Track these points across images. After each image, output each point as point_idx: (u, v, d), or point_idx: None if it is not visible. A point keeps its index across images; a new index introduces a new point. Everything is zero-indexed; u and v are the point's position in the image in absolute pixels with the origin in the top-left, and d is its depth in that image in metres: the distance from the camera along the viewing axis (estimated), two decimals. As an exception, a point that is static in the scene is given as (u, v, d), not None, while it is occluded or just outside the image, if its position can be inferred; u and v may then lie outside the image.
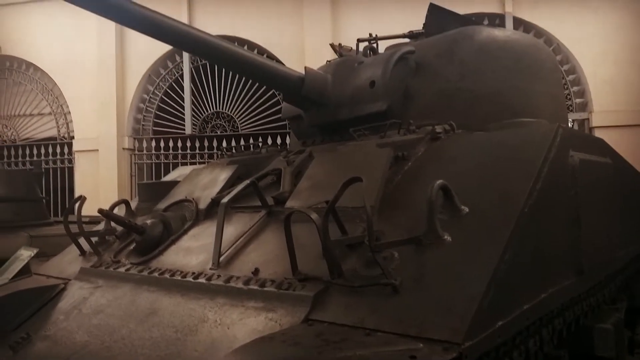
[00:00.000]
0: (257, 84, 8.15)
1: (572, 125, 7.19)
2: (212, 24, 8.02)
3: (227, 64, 2.67)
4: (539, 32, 7.39)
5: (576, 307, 2.08)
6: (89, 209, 3.04)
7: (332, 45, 3.70)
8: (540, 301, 1.63)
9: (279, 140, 7.97)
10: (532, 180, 1.65)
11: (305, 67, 2.79)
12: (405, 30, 3.65)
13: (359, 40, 3.50)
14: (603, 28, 7.28)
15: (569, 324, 2.06)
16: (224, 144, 8.14)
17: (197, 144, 8.62)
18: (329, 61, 3.21)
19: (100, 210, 2.46)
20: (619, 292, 2.85)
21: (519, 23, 7.51)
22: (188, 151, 8.61)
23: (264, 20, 8.18)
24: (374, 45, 3.27)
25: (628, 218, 2.64)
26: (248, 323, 1.60)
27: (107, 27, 8.52)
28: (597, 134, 6.99)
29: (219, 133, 8.63)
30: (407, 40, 3.48)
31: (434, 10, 3.36)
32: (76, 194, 8.61)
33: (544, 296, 1.65)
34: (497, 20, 7.48)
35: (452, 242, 1.55)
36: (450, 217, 1.65)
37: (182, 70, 8.73)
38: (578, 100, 7.51)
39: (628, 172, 2.87)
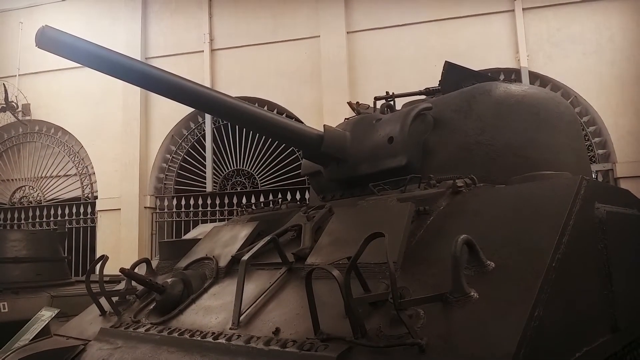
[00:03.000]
0: (276, 142, 8.32)
1: (596, 177, 7.10)
2: (234, 86, 8.32)
3: (247, 124, 2.73)
4: (556, 86, 7.46)
5: (614, 366, 1.97)
6: (110, 268, 3.05)
7: (349, 104, 3.79)
8: (576, 361, 1.55)
9: (298, 196, 8.02)
10: (558, 233, 1.61)
11: (324, 126, 2.84)
12: (421, 86, 3.73)
13: (376, 98, 3.58)
14: (621, 79, 7.33)
15: (608, 385, 1.95)
16: (244, 200, 8.21)
17: (218, 201, 8.71)
18: (347, 119, 3.27)
19: (122, 270, 2.47)
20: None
21: (535, 77, 7.61)
22: (209, 208, 8.69)
23: (283, 81, 8.46)
24: (391, 102, 3.33)
25: (661, 271, 2.54)
26: (269, 386, 1.55)
27: (132, 91, 8.91)
28: (623, 184, 6.87)
29: (239, 190, 8.73)
30: (423, 97, 3.55)
31: (450, 67, 3.43)
32: (98, 253, 8.68)
33: (578, 355, 1.57)
34: (513, 75, 7.60)
35: (480, 299, 1.50)
36: (476, 272, 1.61)
37: (204, 130, 8.98)
38: (600, 152, 7.45)
39: (657, 223, 2.78)
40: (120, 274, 2.56)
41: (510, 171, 2.39)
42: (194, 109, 8.70)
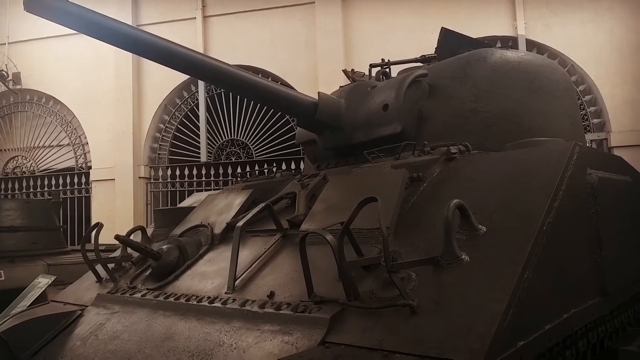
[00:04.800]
0: (270, 112, 8.26)
1: (591, 146, 7.11)
2: (227, 54, 8.19)
3: (241, 91, 2.71)
4: (553, 54, 7.40)
5: (600, 328, 2.02)
6: (105, 238, 3.07)
7: (344, 71, 3.75)
8: (563, 321, 1.58)
9: (293, 166, 8.01)
10: (550, 198, 1.63)
11: (319, 93, 2.82)
12: (417, 54, 3.69)
13: (371, 66, 3.54)
14: (619, 48, 7.27)
15: (594, 346, 2.00)
16: (239, 170, 8.21)
17: (212, 171, 8.70)
18: (342, 86, 3.24)
19: (117, 237, 2.48)
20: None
21: (532, 45, 7.54)
22: (203, 178, 8.69)
23: (277, 48, 8.34)
24: (387, 70, 3.30)
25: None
26: (264, 346, 1.58)
27: (124, 59, 8.76)
28: (616, 153, 6.90)
29: (233, 160, 8.71)
30: (419, 64, 3.51)
31: (446, 34, 3.39)
32: (93, 223, 8.69)
33: (566, 316, 1.61)
34: (509, 43, 7.51)
35: (470, 262, 1.53)
36: (467, 237, 1.63)
37: (197, 99, 8.89)
38: (595, 121, 7.45)
39: (649, 190, 2.81)
40: (115, 243, 2.58)
41: (505, 138, 2.39)
42: (186, 78, 8.61)
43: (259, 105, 8.32)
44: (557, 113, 2.74)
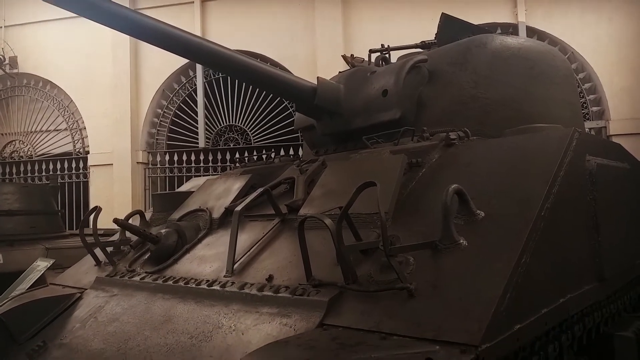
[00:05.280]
0: (269, 97, 8.22)
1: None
2: (225, 38, 8.12)
3: (240, 75, 2.70)
4: (553, 41, 7.36)
5: (596, 313, 2.04)
6: (103, 222, 3.07)
7: (344, 57, 3.72)
8: (559, 306, 1.60)
9: (291, 152, 8.00)
10: (548, 184, 1.63)
11: (318, 78, 2.81)
12: (417, 40, 3.67)
13: (370, 51, 3.52)
14: (619, 37, 7.24)
15: (589, 331, 2.02)
16: (237, 156, 8.17)
17: (211, 157, 8.68)
18: (341, 72, 3.22)
19: (115, 220, 2.49)
20: (640, 300, 2.79)
21: (532, 32, 7.49)
22: (201, 164, 8.67)
23: (276, 34, 8.28)
24: (386, 55, 3.28)
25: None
26: (262, 328, 1.59)
27: (122, 43, 8.69)
28: (615, 141, 6.89)
29: (231, 146, 8.69)
30: (419, 50, 3.49)
31: (446, 20, 3.36)
32: (91, 207, 8.68)
33: (562, 301, 1.62)
34: (510, 29, 7.47)
35: (468, 247, 1.54)
36: (465, 221, 1.64)
37: (195, 84, 8.84)
38: (594, 109, 7.44)
39: (646, 178, 2.82)
40: (113, 228, 2.58)
41: (504, 125, 2.39)
42: (184, 63, 8.56)
43: (257, 91, 8.28)
44: (556, 100, 2.73)
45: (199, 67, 8.64)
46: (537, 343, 1.65)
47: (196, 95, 8.81)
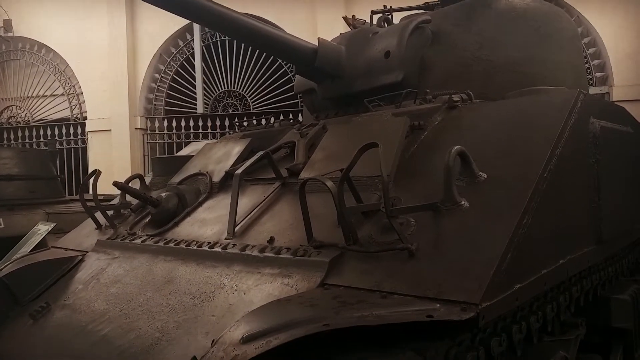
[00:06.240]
0: (268, 62, 8.10)
1: (593, 97, 7.03)
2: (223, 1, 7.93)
3: (240, 36, 2.64)
4: (559, 4, 7.20)
5: (594, 276, 2.06)
6: (102, 188, 3.05)
7: (345, 18, 3.64)
8: (559, 267, 1.61)
9: (290, 118, 7.94)
10: (551, 145, 1.62)
11: (318, 39, 2.75)
12: (420, 1, 3.58)
13: (372, 12, 3.44)
14: (626, 1, 7.08)
15: (587, 293, 2.05)
16: (236, 121, 8.12)
17: (209, 123, 8.62)
18: (342, 34, 3.16)
19: (115, 183, 2.48)
20: (637, 264, 2.81)
21: (537, -6, 7.32)
22: (200, 130, 8.62)
23: (275, -4, 8.09)
24: (389, 16, 3.21)
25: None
26: (264, 288, 1.60)
27: (118, 6, 8.52)
28: (617, 108, 6.83)
29: (230, 112, 8.62)
30: (422, 11, 3.41)
31: (449, -21, 3.27)
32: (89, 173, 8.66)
33: (562, 262, 1.63)
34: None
35: (470, 208, 1.53)
36: (467, 183, 1.63)
37: (193, 48, 8.70)
38: (598, 74, 7.35)
39: (649, 142, 2.80)
40: (112, 193, 2.57)
41: (508, 87, 2.35)
42: (181, 26, 8.40)
43: (256, 55, 8.15)
44: (561, 63, 2.68)
45: (196, 30, 8.48)
46: (535, 303, 1.67)
47: (194, 60, 8.68)
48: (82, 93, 9.29)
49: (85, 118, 9.22)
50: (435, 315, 1.16)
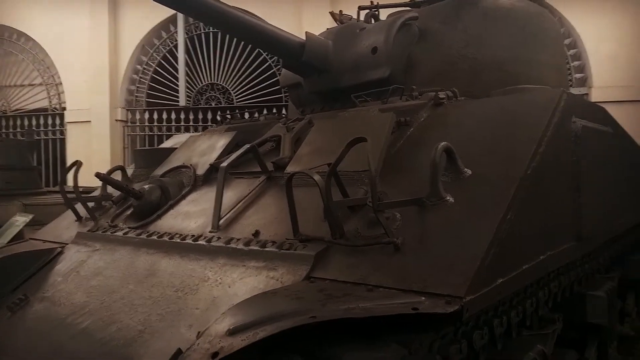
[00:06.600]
0: (252, 56, 8.04)
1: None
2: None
3: (228, 27, 2.61)
4: (542, 5, 7.30)
5: (572, 272, 2.11)
6: (82, 180, 3.00)
7: (332, 14, 3.63)
8: (539, 263, 1.64)
9: (274, 112, 7.91)
10: (535, 144, 1.65)
11: (306, 33, 2.74)
12: (408, -1, 3.59)
13: (360, 8, 3.44)
14: (606, 3, 7.20)
15: (564, 289, 2.09)
16: (219, 114, 8.06)
17: (192, 116, 8.53)
18: (329, 29, 3.15)
19: (97, 174, 2.44)
20: (613, 262, 2.88)
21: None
22: (182, 123, 8.53)
23: (261, -10, 8.03)
24: (376, 12, 3.21)
25: (626, 188, 2.66)
26: (249, 282, 1.60)
27: (99, -5, 8.36)
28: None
29: (213, 105, 8.55)
30: (409, 8, 3.42)
31: (436, -23, 3.29)
32: (68, 165, 8.50)
33: (542, 258, 1.66)
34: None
35: (455, 203, 1.55)
36: (453, 179, 1.65)
37: (176, 40, 8.58)
38: (578, 75, 7.47)
39: (628, 142, 2.87)
40: (92, 185, 2.53)
41: (493, 86, 2.38)
42: (165, 17, 8.29)
43: (240, 48, 8.09)
44: (545, 62, 2.72)
45: (180, 21, 8.37)
46: (515, 298, 1.70)
47: (177, 52, 8.57)
48: (61, 83, 9.11)
49: (64, 109, 9.04)
50: (421, 308, 1.18)
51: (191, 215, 2.25)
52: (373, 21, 3.08)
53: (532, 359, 1.75)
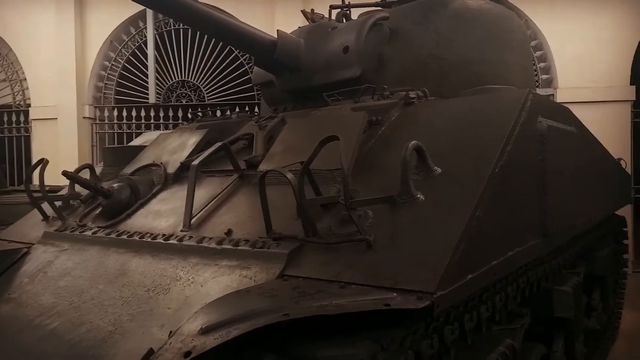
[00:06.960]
0: (224, 53, 7.97)
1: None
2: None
3: (199, 24, 2.59)
4: (509, 7, 7.46)
5: (539, 268, 2.17)
6: (49, 179, 2.92)
7: (303, 12, 3.64)
8: (507, 259, 1.68)
9: (246, 110, 7.85)
10: (502, 143, 1.69)
11: (277, 31, 2.74)
12: (379, -1, 3.62)
13: (331, 7, 3.45)
14: (572, 5, 7.41)
15: (532, 284, 2.15)
16: (190, 111, 7.95)
17: (162, 114, 8.40)
18: (301, 27, 3.16)
19: (64, 173, 2.39)
20: (578, 257, 2.98)
21: (487, -2, 7.54)
22: (152, 121, 8.38)
23: (232, -13, 7.96)
24: (347, 12, 3.23)
25: (589, 187, 2.75)
26: (222, 281, 1.59)
27: (65, -11, 8.14)
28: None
29: (184, 102, 8.44)
30: (379, 8, 3.46)
31: (407, -23, 3.33)
32: (33, 163, 8.26)
33: (510, 254, 1.70)
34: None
35: (425, 201, 1.58)
36: (423, 177, 1.68)
37: (145, 36, 8.43)
38: (544, 77, 7.67)
39: (591, 142, 2.97)
40: (59, 184, 2.47)
41: (462, 86, 2.43)
42: (133, 13, 8.14)
43: (211, 45, 8.00)
44: (512, 63, 2.79)
45: (149, 17, 8.23)
46: (485, 294, 1.74)
47: (146, 48, 8.42)
48: (25, 79, 8.83)
49: (29, 105, 8.77)
50: (392, 304, 1.19)
51: (162, 214, 2.23)
52: (344, 20, 3.10)
53: (501, 352, 1.79)
